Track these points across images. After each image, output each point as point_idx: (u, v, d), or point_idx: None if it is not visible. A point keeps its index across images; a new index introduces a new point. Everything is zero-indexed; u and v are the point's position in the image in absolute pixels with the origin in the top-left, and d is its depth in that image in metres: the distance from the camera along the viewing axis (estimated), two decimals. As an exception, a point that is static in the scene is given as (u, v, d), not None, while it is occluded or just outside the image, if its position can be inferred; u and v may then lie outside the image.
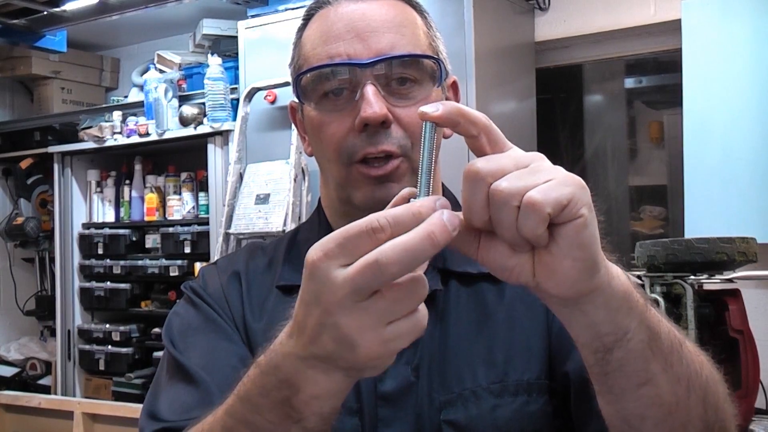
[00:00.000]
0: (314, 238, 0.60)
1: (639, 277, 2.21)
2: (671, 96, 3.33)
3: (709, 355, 0.76)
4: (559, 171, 0.59)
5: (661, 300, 2.12)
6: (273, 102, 3.24)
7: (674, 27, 3.07)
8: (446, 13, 2.84)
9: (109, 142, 3.86)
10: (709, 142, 2.96)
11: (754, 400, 2.17)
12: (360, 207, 0.91)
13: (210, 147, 3.51)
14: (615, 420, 0.72)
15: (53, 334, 4.32)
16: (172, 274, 3.75)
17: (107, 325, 3.99)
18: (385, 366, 0.60)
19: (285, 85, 3.05)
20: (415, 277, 0.57)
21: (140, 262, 3.88)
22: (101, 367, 3.95)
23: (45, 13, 3.57)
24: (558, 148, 3.62)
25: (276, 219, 3.08)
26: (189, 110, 3.57)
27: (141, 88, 4.01)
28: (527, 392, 0.90)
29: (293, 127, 1.06)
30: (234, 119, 3.38)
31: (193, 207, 3.82)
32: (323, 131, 0.92)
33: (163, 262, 3.79)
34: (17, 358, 4.38)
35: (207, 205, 3.66)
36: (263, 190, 3.17)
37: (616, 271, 0.64)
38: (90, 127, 3.96)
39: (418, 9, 0.97)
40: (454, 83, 1.01)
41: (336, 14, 0.92)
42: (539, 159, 0.60)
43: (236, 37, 3.40)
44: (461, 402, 0.89)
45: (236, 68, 3.44)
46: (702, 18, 2.99)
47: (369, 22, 0.91)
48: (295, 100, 0.98)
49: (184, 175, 3.90)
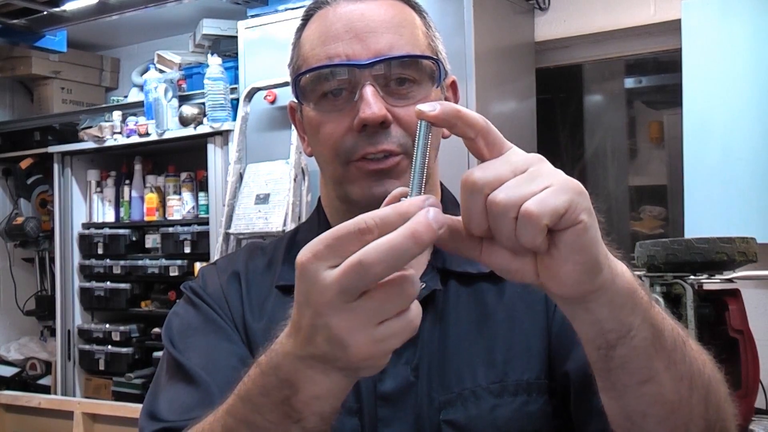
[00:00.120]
0: (313, 238, 0.60)
1: (639, 278, 2.21)
2: (671, 96, 3.33)
3: (710, 354, 0.76)
4: (557, 176, 0.59)
5: (661, 300, 2.11)
6: (273, 102, 3.24)
7: (674, 27, 3.07)
8: (446, 13, 2.83)
9: (109, 142, 3.85)
10: (709, 142, 2.95)
11: (754, 400, 2.17)
12: (358, 203, 0.90)
13: (210, 147, 3.51)
14: (618, 417, 0.72)
15: (53, 334, 4.32)
16: (172, 274, 3.75)
17: (107, 325, 3.99)
18: (381, 366, 0.60)
19: (285, 85, 3.05)
20: (403, 275, 0.56)
21: (140, 262, 3.88)
22: (101, 367, 3.95)
23: (45, 13, 3.57)
24: (558, 148, 3.62)
25: (276, 219, 3.08)
26: (189, 110, 3.57)
27: (141, 88, 4.00)
28: (527, 392, 0.90)
29: (293, 127, 1.06)
30: (234, 119, 3.37)
31: (193, 207, 3.81)
32: (321, 130, 0.92)
33: (163, 262, 3.79)
34: (17, 358, 4.38)
35: (207, 205, 3.66)
36: (263, 190, 3.17)
37: (621, 268, 0.64)
38: (90, 127, 3.96)
39: (417, 9, 0.97)
40: (453, 83, 1.01)
41: (335, 14, 0.92)
42: (537, 162, 0.60)
43: (236, 37, 3.40)
44: (461, 402, 0.89)
45: (236, 68, 3.43)
46: (702, 18, 2.99)
47: (368, 23, 0.91)
48: (295, 100, 0.98)
49: (184, 175, 3.89)
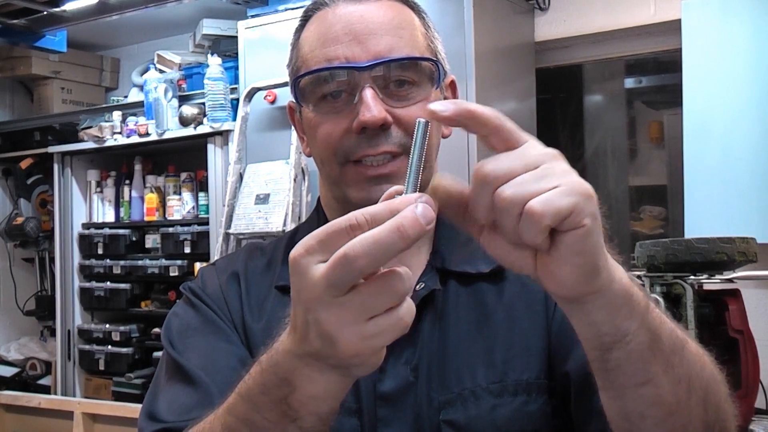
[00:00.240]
0: None
1: (639, 277, 2.21)
2: (671, 96, 3.33)
3: (710, 355, 0.76)
4: (568, 176, 0.58)
5: (661, 300, 2.11)
6: (273, 102, 3.24)
7: (674, 27, 3.07)
8: (446, 13, 2.83)
9: (109, 142, 3.85)
10: (709, 142, 2.95)
11: (754, 400, 2.17)
12: (356, 206, 0.90)
13: (210, 147, 3.51)
14: (616, 417, 0.72)
15: (53, 334, 4.32)
16: (172, 274, 3.75)
17: (107, 325, 3.98)
18: (372, 364, 0.60)
19: (285, 85, 3.03)
20: (392, 271, 0.56)
21: (140, 262, 3.87)
22: (101, 367, 3.94)
23: (45, 13, 3.57)
24: (558, 148, 3.48)
25: (276, 219, 3.08)
26: (189, 110, 3.57)
27: (141, 88, 4.00)
28: (526, 392, 0.90)
29: (293, 127, 1.06)
30: (234, 119, 3.37)
31: (193, 207, 3.81)
32: (320, 131, 0.92)
33: (163, 262, 3.78)
34: (17, 358, 4.38)
35: (207, 205, 3.65)
36: (263, 190, 3.17)
37: (619, 274, 0.63)
38: (90, 127, 3.96)
39: (416, 10, 0.97)
40: (453, 83, 1.01)
41: (334, 16, 0.92)
42: (551, 159, 0.59)
43: (236, 37, 3.40)
44: (460, 402, 0.89)
45: (236, 68, 3.43)
46: (702, 18, 2.99)
47: (367, 24, 0.90)
48: (294, 100, 0.98)
49: (184, 175, 3.89)
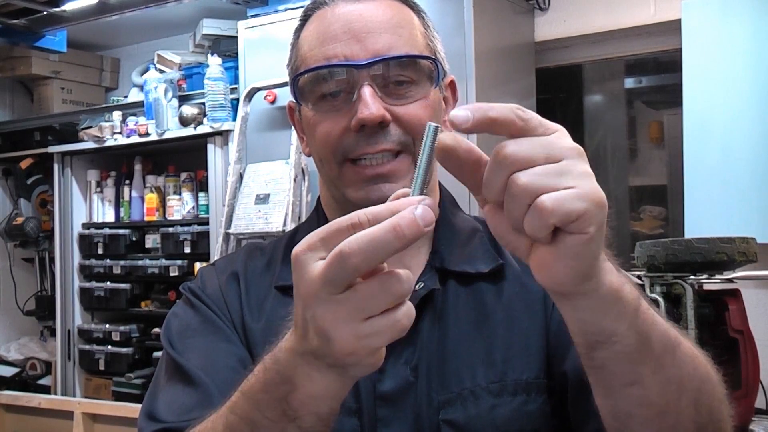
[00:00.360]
0: None
1: (639, 277, 2.21)
2: (671, 96, 3.33)
3: (708, 355, 0.76)
4: (585, 179, 0.57)
5: (661, 300, 2.11)
6: (273, 102, 3.24)
7: (674, 27, 3.07)
8: (446, 13, 2.83)
9: (109, 142, 3.85)
10: (709, 142, 2.95)
11: (754, 400, 2.17)
12: (355, 205, 0.90)
13: (210, 147, 3.51)
14: (607, 415, 0.72)
15: (53, 334, 4.32)
16: (172, 274, 3.75)
17: (107, 325, 3.98)
18: (368, 365, 0.59)
19: (285, 85, 3.04)
20: (391, 272, 0.56)
21: (140, 262, 3.87)
22: (101, 367, 3.94)
23: (45, 13, 3.57)
24: None
25: (276, 219, 3.08)
26: (189, 110, 3.57)
27: (141, 88, 4.00)
28: (526, 392, 0.90)
29: (293, 127, 1.06)
30: (234, 119, 3.37)
31: (193, 207, 3.81)
32: (319, 130, 0.93)
33: (163, 262, 3.78)
34: (17, 358, 4.38)
35: (207, 205, 3.65)
36: (263, 190, 3.17)
37: (610, 277, 0.62)
38: (90, 127, 3.96)
39: (416, 9, 0.97)
40: (452, 82, 1.01)
41: (333, 15, 0.92)
42: (574, 156, 0.58)
43: (236, 37, 3.40)
44: (460, 402, 0.89)
45: (236, 68, 3.43)
46: (702, 18, 2.99)
47: (366, 23, 0.91)
48: (293, 100, 0.98)
49: (184, 175, 3.89)
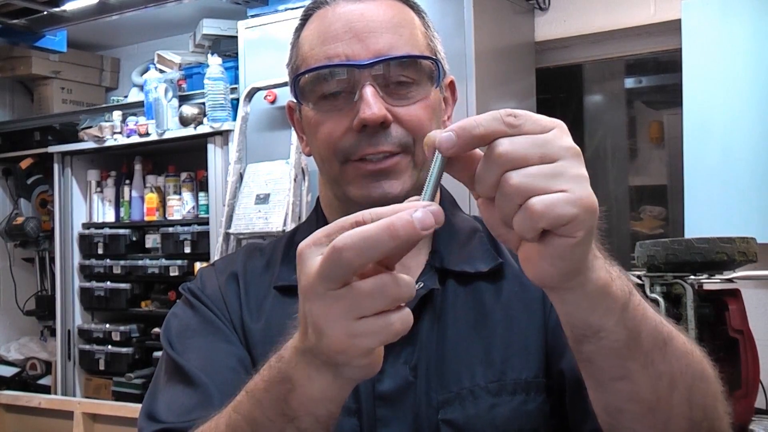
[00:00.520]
0: None
1: (639, 277, 2.21)
2: (671, 96, 3.33)
3: (706, 352, 0.75)
4: (579, 184, 0.57)
5: (661, 300, 2.11)
6: (273, 102, 3.24)
7: (674, 27, 3.07)
8: (446, 13, 2.83)
9: (109, 142, 3.85)
10: (709, 142, 2.95)
11: (754, 400, 2.17)
12: (356, 203, 0.90)
13: (210, 147, 3.51)
14: (599, 410, 0.72)
15: (53, 334, 4.32)
16: (172, 274, 3.75)
17: (107, 325, 3.98)
18: (362, 365, 0.59)
19: (285, 85, 3.03)
20: (390, 275, 0.56)
21: (140, 262, 3.87)
22: (101, 367, 3.94)
23: (45, 13, 3.57)
24: None
25: (276, 219, 3.08)
26: (189, 110, 3.56)
27: (141, 88, 4.00)
28: (525, 391, 0.90)
29: (292, 127, 1.06)
30: (234, 119, 3.37)
31: (193, 207, 3.81)
32: (320, 130, 0.92)
33: (163, 262, 3.78)
34: (17, 358, 4.38)
35: (207, 205, 3.65)
36: (263, 190, 3.17)
37: (597, 274, 0.62)
38: (90, 127, 3.96)
39: (416, 9, 0.97)
40: (452, 83, 1.01)
41: (334, 14, 0.92)
42: (571, 158, 0.57)
43: (236, 37, 3.40)
44: (459, 401, 0.89)
45: (236, 68, 3.43)
46: (702, 18, 2.98)
47: (367, 23, 0.90)
48: (293, 100, 0.98)
49: (184, 175, 3.89)
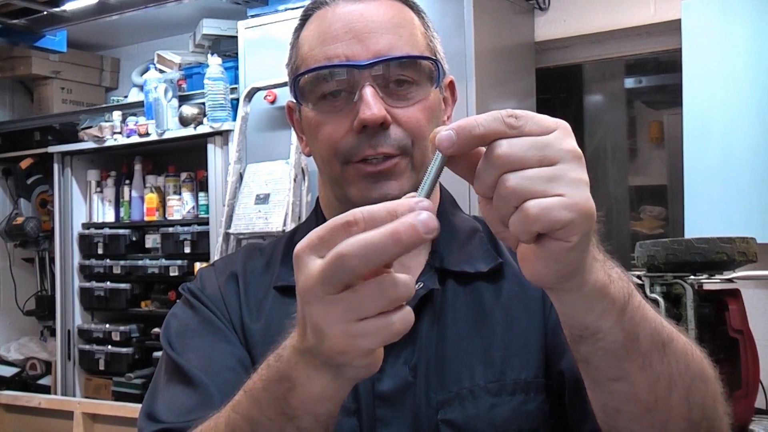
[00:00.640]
0: None
1: (639, 277, 2.21)
2: (671, 96, 3.33)
3: (707, 353, 0.75)
4: (577, 188, 0.57)
5: (661, 300, 2.11)
6: (273, 102, 3.24)
7: (674, 27, 3.07)
8: (446, 13, 2.83)
9: (109, 142, 3.85)
10: (709, 142, 2.95)
11: (754, 400, 2.17)
12: (357, 204, 0.90)
13: (210, 147, 3.51)
14: (597, 410, 0.72)
15: (53, 334, 4.32)
16: (172, 274, 3.75)
17: (107, 325, 3.98)
18: (363, 365, 0.59)
19: (285, 85, 3.03)
20: (390, 277, 0.56)
21: (140, 262, 3.87)
22: (101, 367, 3.94)
23: (45, 13, 3.57)
24: None
25: (276, 219, 3.08)
26: (189, 110, 3.56)
27: (141, 88, 4.00)
28: (525, 391, 0.90)
29: (292, 127, 1.06)
30: (234, 119, 3.37)
31: (193, 207, 3.81)
32: (321, 131, 0.92)
33: (163, 262, 3.78)
34: (17, 358, 4.38)
35: (207, 205, 3.65)
36: (263, 190, 3.17)
37: (596, 276, 0.62)
38: (90, 127, 3.96)
39: (416, 9, 0.97)
40: (451, 83, 1.01)
41: (334, 15, 0.92)
42: (570, 161, 0.57)
43: (236, 37, 3.40)
44: (459, 401, 0.89)
45: (236, 68, 3.43)
46: (702, 18, 2.98)
47: (367, 23, 0.90)
48: (293, 100, 0.98)
49: (184, 175, 3.89)
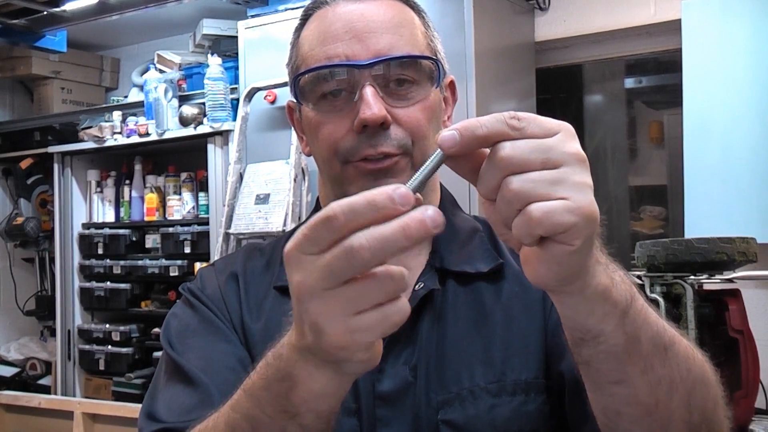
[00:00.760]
0: None
1: (639, 277, 2.21)
2: (671, 96, 3.33)
3: (708, 356, 0.75)
4: (580, 192, 0.56)
5: (661, 300, 2.12)
6: (273, 102, 3.24)
7: (674, 27, 3.07)
8: (446, 13, 2.83)
9: (109, 142, 3.85)
10: (709, 142, 2.95)
11: (754, 400, 2.17)
12: None
13: (210, 147, 3.51)
14: (597, 412, 0.72)
15: (53, 334, 4.32)
16: (172, 274, 3.75)
17: (107, 325, 3.98)
18: (363, 360, 0.59)
19: (285, 85, 3.03)
20: (385, 269, 0.56)
21: (140, 262, 3.87)
22: (101, 367, 3.94)
23: (45, 13, 3.57)
24: None
25: (276, 219, 3.08)
26: (189, 110, 3.56)
27: (141, 88, 4.00)
28: (525, 392, 0.90)
29: (292, 126, 1.06)
30: (234, 119, 3.37)
31: (193, 207, 3.81)
32: (321, 131, 0.92)
33: (163, 262, 3.78)
34: (17, 358, 4.38)
35: (207, 205, 3.65)
36: (263, 190, 3.17)
37: (598, 279, 0.62)
38: (90, 127, 3.96)
39: (416, 9, 0.97)
40: (452, 83, 1.01)
41: (334, 14, 0.92)
42: (574, 164, 0.57)
43: (236, 37, 3.40)
44: (459, 402, 0.89)
45: (236, 68, 3.43)
46: (702, 18, 2.99)
47: (367, 23, 0.90)
48: (293, 100, 0.98)
49: (184, 175, 3.89)
